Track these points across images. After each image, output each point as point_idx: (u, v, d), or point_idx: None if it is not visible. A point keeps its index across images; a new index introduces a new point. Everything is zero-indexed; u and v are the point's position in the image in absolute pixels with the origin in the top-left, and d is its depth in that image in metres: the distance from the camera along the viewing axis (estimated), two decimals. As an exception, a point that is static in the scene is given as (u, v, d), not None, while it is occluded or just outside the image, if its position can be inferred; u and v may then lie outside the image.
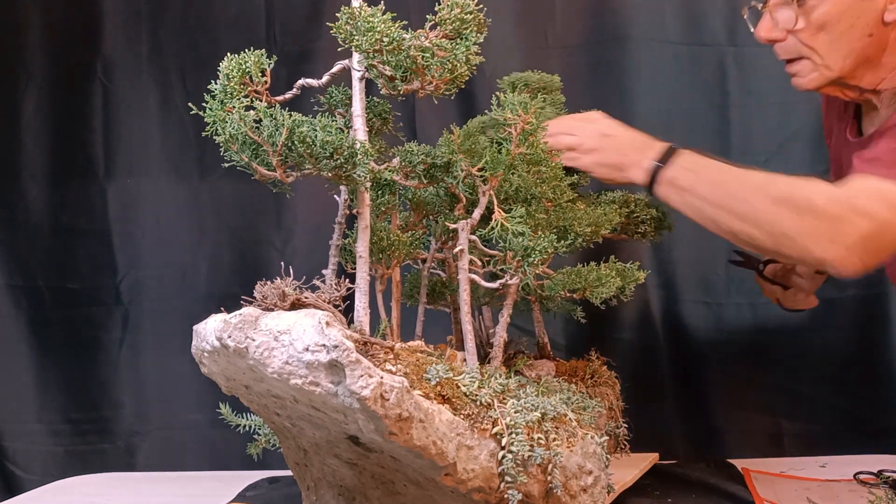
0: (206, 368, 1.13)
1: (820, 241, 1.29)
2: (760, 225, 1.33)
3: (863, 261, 1.30)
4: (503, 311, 1.29)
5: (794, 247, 1.32)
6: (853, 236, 1.28)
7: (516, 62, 2.13)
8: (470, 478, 1.05)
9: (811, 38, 1.45)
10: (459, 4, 1.06)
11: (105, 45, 2.29)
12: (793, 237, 1.31)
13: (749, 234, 1.35)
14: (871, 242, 1.29)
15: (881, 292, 2.11)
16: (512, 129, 1.23)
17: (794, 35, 1.46)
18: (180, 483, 1.88)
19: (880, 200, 1.29)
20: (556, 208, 1.36)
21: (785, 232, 1.31)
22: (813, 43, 1.45)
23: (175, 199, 2.30)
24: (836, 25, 1.42)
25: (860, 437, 2.09)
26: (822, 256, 1.30)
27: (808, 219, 1.30)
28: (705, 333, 2.20)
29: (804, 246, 1.30)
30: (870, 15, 1.41)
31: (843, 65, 1.45)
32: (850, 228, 1.28)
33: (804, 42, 1.46)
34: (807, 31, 1.44)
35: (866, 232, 1.28)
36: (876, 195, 1.30)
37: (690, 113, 2.18)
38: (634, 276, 1.42)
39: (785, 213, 1.31)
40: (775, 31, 1.48)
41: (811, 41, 1.45)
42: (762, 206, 1.33)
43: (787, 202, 1.32)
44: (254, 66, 1.05)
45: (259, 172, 1.03)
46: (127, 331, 2.32)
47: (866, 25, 1.42)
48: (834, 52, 1.44)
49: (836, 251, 1.29)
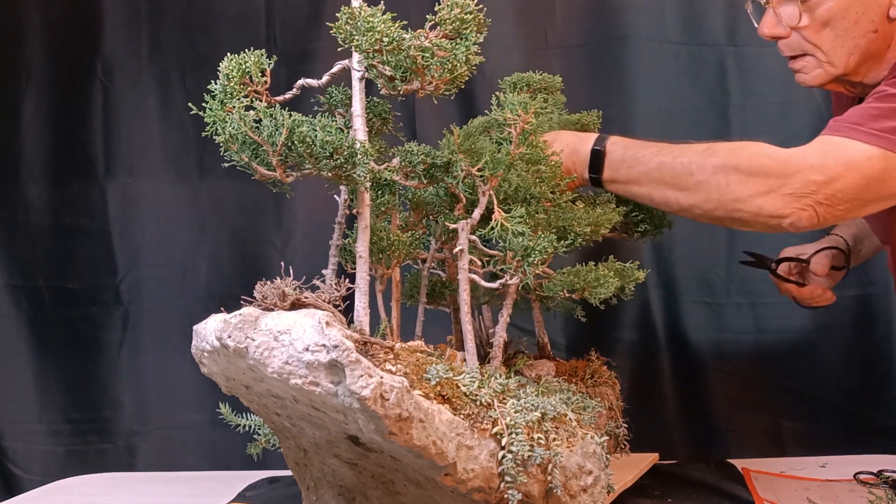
0: (206, 368, 1.13)
1: (771, 197, 1.29)
2: (710, 196, 1.33)
3: (818, 214, 1.30)
4: (503, 311, 1.29)
5: (747, 210, 1.31)
6: (804, 188, 1.28)
7: (516, 62, 2.12)
8: (470, 478, 1.05)
9: (815, 35, 1.44)
10: (459, 4, 1.06)
11: (105, 45, 2.29)
12: (744, 200, 1.30)
13: (702, 208, 1.35)
14: (823, 194, 1.28)
15: (881, 292, 2.11)
16: (512, 129, 1.23)
17: (797, 32, 1.46)
18: (180, 483, 1.88)
19: (835, 156, 1.29)
20: (555, 208, 1.36)
21: (735, 197, 1.31)
22: (817, 40, 1.44)
23: (175, 199, 2.30)
24: (841, 21, 1.42)
25: (860, 437, 2.09)
26: (776, 212, 1.30)
27: (756, 178, 1.30)
28: (705, 333, 2.19)
29: (757, 206, 1.30)
30: (875, 11, 1.41)
31: (847, 61, 1.44)
32: (800, 180, 1.28)
33: (808, 39, 1.45)
34: (811, 27, 1.44)
35: (817, 182, 1.28)
36: (832, 150, 1.30)
37: (690, 113, 2.18)
38: (634, 276, 1.42)
39: (732, 177, 1.31)
40: (779, 28, 1.47)
41: (815, 38, 1.44)
42: (706, 177, 1.33)
43: (732, 167, 1.31)
44: (254, 66, 1.05)
45: (259, 172, 1.03)
46: (127, 331, 2.32)
47: (871, 21, 1.41)
48: (838, 49, 1.44)
49: (788, 204, 1.29)
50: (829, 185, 1.28)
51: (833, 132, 1.33)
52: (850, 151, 1.29)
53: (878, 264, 1.95)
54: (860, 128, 1.30)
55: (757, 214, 1.31)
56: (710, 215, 1.36)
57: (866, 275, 2.07)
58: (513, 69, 1.71)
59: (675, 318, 2.20)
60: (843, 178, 1.28)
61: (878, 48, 1.43)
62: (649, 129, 2.16)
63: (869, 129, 1.29)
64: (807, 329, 2.14)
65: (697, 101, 2.18)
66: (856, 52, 1.43)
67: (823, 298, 1.73)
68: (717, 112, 2.17)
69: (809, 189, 1.28)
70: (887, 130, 1.28)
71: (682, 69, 2.18)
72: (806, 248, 1.76)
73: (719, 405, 2.21)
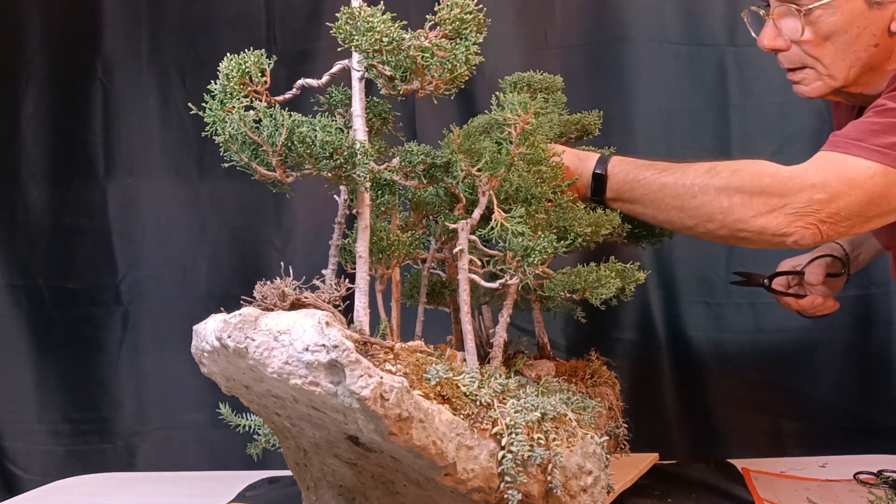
0: (206, 368, 1.13)
1: (774, 217, 1.29)
2: (714, 217, 1.33)
3: (821, 231, 1.29)
4: (503, 311, 1.29)
5: (751, 229, 1.31)
6: (807, 207, 1.28)
7: (516, 62, 2.12)
8: (470, 478, 1.05)
9: (816, 49, 1.44)
10: (459, 4, 1.06)
11: (105, 45, 2.29)
12: (747, 220, 1.30)
13: (705, 228, 1.35)
14: (826, 212, 1.28)
15: (881, 292, 2.11)
16: (512, 129, 1.23)
17: (798, 45, 1.45)
18: (180, 483, 1.88)
19: (837, 173, 1.29)
20: (556, 208, 1.36)
21: (739, 217, 1.31)
22: (818, 53, 1.44)
23: (175, 199, 2.30)
24: (843, 36, 1.41)
25: (860, 437, 2.09)
26: (779, 231, 1.29)
27: (759, 198, 1.30)
28: (705, 333, 2.19)
29: (760, 226, 1.30)
30: (877, 25, 1.40)
31: (847, 74, 1.44)
32: (803, 199, 1.28)
33: (809, 52, 1.45)
34: (813, 41, 1.43)
35: (819, 200, 1.28)
36: (834, 167, 1.30)
37: (690, 113, 2.18)
38: (634, 277, 1.41)
39: (735, 199, 1.31)
40: (779, 40, 1.47)
41: (816, 51, 1.44)
42: (709, 198, 1.32)
43: (735, 189, 1.31)
44: (253, 66, 1.05)
45: (259, 172, 1.03)
46: (127, 331, 2.32)
47: (872, 35, 1.41)
48: (839, 62, 1.43)
49: (791, 222, 1.28)
50: (831, 203, 1.28)
51: (834, 148, 1.32)
52: (851, 168, 1.29)
53: (878, 265, 1.95)
54: (861, 144, 1.30)
55: (760, 233, 1.31)
56: (714, 235, 1.36)
57: (866, 275, 2.07)
58: (513, 69, 1.71)
59: (675, 318, 2.20)
60: (845, 195, 1.28)
61: (879, 61, 1.43)
62: (649, 129, 2.16)
63: (870, 145, 1.29)
64: (807, 329, 2.14)
65: (697, 101, 2.18)
66: (856, 66, 1.43)
67: (825, 307, 1.72)
68: (717, 112, 2.17)
69: (812, 208, 1.28)
70: (888, 146, 1.28)
71: (682, 69, 2.18)
72: (802, 259, 1.75)
73: (719, 405, 2.21)
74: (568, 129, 1.65)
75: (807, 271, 1.72)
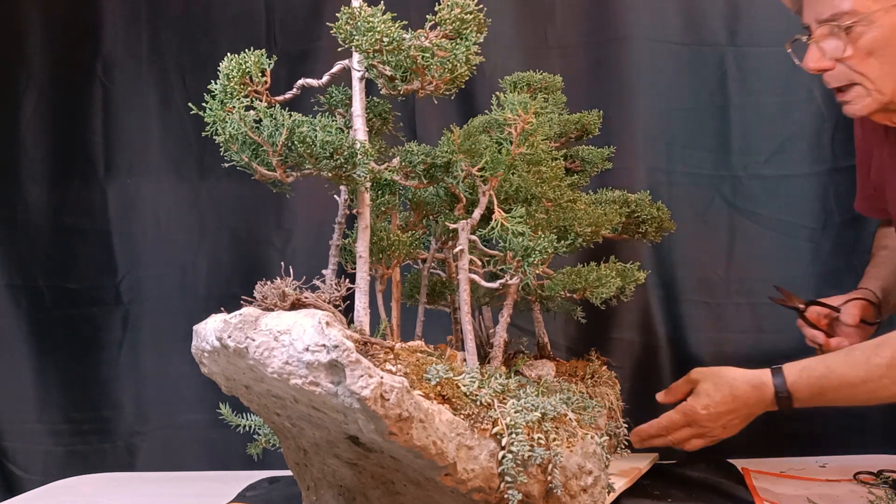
0: (206, 368, 1.13)
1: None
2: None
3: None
4: (503, 311, 1.29)
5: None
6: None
7: (516, 62, 2.12)
8: (470, 478, 1.05)
9: (861, 64, 1.44)
10: (459, 4, 1.06)
11: (105, 45, 2.29)
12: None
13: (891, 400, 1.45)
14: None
15: (881, 292, 2.10)
16: (512, 128, 1.23)
17: (843, 63, 1.45)
18: (180, 483, 1.88)
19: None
20: (556, 208, 1.36)
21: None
22: (863, 69, 1.44)
23: (175, 199, 2.30)
24: (886, 49, 1.42)
25: (860, 437, 2.09)
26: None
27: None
28: (705, 333, 2.19)
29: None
30: None
31: (895, 88, 1.44)
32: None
33: (854, 69, 1.45)
34: (856, 56, 1.43)
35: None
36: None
37: (690, 113, 2.18)
38: (634, 277, 1.42)
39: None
40: (824, 61, 1.47)
41: (861, 67, 1.44)
42: (890, 382, 1.42)
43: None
44: (254, 66, 1.05)
45: (259, 172, 1.03)
46: (127, 331, 2.32)
47: None
48: (885, 76, 1.44)
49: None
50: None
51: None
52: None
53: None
54: None
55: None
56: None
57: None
58: (513, 69, 1.71)
59: (675, 318, 2.19)
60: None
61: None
62: (649, 129, 2.16)
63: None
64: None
65: (697, 101, 2.17)
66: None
67: None
68: (717, 112, 2.17)
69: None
70: None
71: (682, 69, 2.18)
72: (835, 299, 1.75)
73: (719, 405, 2.20)
74: (568, 128, 1.65)
75: (843, 310, 1.72)
